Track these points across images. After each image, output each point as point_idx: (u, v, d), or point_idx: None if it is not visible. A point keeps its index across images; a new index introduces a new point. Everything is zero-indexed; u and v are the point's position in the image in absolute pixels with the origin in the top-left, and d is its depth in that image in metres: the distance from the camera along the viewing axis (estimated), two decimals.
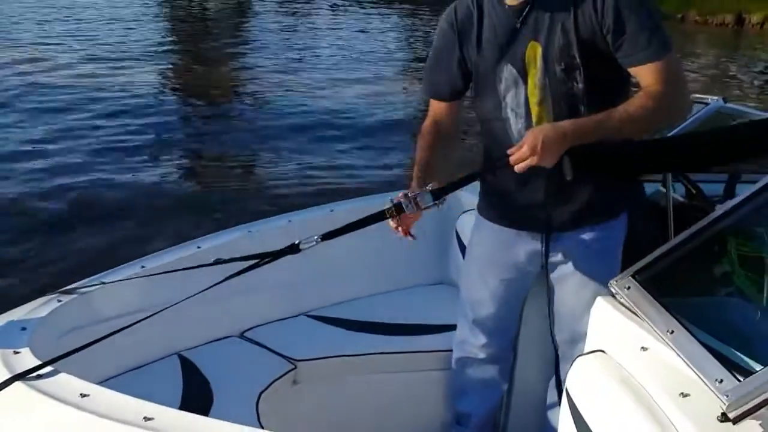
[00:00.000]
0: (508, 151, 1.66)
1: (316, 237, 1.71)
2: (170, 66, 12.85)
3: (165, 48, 14.98)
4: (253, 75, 12.32)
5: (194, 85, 11.21)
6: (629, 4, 1.67)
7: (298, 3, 28.20)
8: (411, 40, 19.15)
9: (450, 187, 1.74)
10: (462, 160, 2.16)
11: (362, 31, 19.78)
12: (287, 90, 10.89)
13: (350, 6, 26.49)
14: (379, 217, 1.69)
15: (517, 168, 1.64)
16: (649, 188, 2.53)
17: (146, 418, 1.33)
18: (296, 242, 1.72)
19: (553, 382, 2.11)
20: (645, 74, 1.68)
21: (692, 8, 28.53)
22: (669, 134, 2.58)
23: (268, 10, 24.80)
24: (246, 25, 21.60)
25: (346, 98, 10.54)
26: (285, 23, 21.39)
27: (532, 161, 1.62)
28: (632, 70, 1.71)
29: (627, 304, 1.60)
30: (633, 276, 1.63)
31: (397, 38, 19.49)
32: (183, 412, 1.40)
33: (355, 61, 14.39)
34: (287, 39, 17.51)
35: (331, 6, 26.18)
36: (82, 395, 1.42)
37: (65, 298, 1.90)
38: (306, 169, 7.02)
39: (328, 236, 1.70)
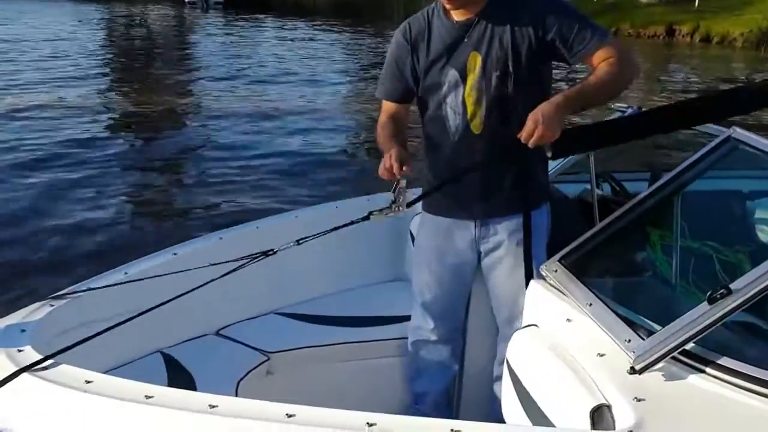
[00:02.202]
0: (519, 136, 1.89)
1: (291, 242, 1.95)
2: (113, 92, 12.75)
3: (107, 73, 14.81)
4: (198, 97, 12.33)
5: (138, 110, 11.14)
6: (563, 15, 2.01)
7: (244, 21, 28.11)
8: (354, 58, 19.36)
9: (425, 195, 2.12)
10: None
11: (308, 50, 19.84)
12: (232, 112, 10.93)
13: (296, 25, 26.53)
14: (363, 218, 2.01)
15: (531, 143, 1.87)
16: (578, 187, 2.84)
17: (147, 396, 1.53)
18: (273, 249, 1.98)
19: (498, 358, 2.35)
20: (598, 56, 1.99)
21: (625, 22, 29.64)
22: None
23: (213, 32, 24.60)
24: (189, 47, 21.38)
25: (289, 117, 10.69)
26: (230, 43, 21.29)
27: (539, 131, 1.85)
28: (586, 60, 2.01)
29: (555, 285, 1.89)
30: (560, 261, 1.93)
31: (341, 57, 19.66)
32: (178, 390, 1.60)
33: (300, 80, 14.47)
34: (232, 59, 17.48)
35: (276, 26, 26.20)
36: (87, 381, 1.60)
37: (57, 303, 2.06)
38: (252, 185, 7.18)
39: (304, 240, 1.98)
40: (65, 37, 20.42)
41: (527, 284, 2.08)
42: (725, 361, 1.51)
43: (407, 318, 2.47)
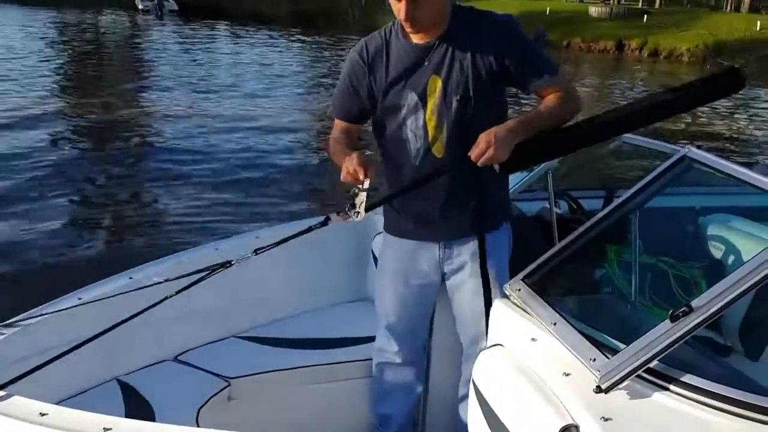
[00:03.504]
0: (469, 154, 1.91)
1: (249, 253, 1.90)
2: (61, 101, 12.36)
3: (56, 81, 14.35)
4: (150, 107, 12.07)
5: (87, 120, 10.87)
6: (521, 47, 2.06)
7: (199, 29, 27.71)
8: (310, 68, 19.27)
9: (384, 200, 2.08)
10: None
11: (264, 59, 19.63)
12: (187, 124, 10.75)
13: (253, 34, 26.27)
14: (323, 222, 1.98)
15: (480, 162, 1.90)
16: (536, 205, 2.87)
17: (105, 429, 1.47)
18: (231, 260, 1.92)
19: (463, 379, 2.35)
20: (549, 89, 2.07)
21: (576, 36, 30.43)
22: None
23: (167, 40, 24.18)
24: (142, 55, 20.93)
25: (243, 128, 10.57)
26: (184, 51, 20.93)
27: (489, 153, 1.88)
28: (538, 92, 2.08)
29: (519, 304, 1.90)
30: (523, 280, 1.94)
31: (297, 66, 19.54)
32: (137, 421, 1.55)
33: (254, 90, 14.28)
34: (186, 68, 17.19)
35: (232, 34, 25.90)
36: (42, 414, 1.54)
37: (7, 331, 1.99)
38: (210, 203, 7.05)
39: (261, 250, 1.93)
40: (11, 43, 19.77)
41: (487, 305, 2.08)
42: (688, 378, 1.53)
43: (371, 339, 2.44)
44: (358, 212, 1.91)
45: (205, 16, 32.56)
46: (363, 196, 1.89)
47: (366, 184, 1.88)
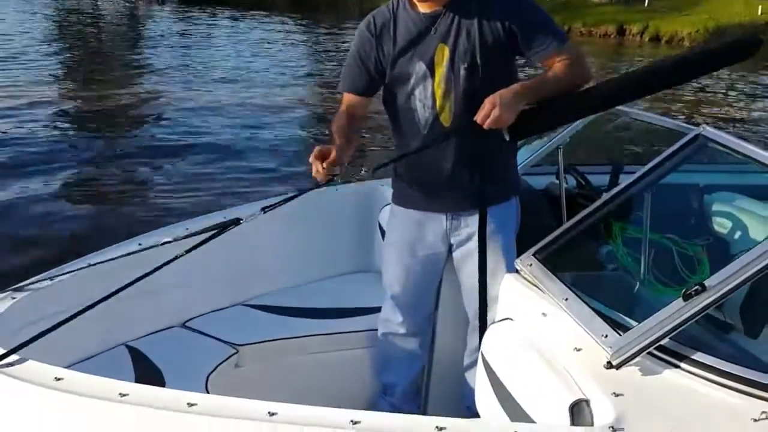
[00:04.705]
0: (475, 118, 1.91)
1: (258, 211, 1.92)
2: (61, 88, 12.18)
3: (55, 69, 14.14)
4: (151, 93, 11.90)
5: (88, 106, 10.71)
6: (531, 14, 2.06)
7: (199, 15, 27.41)
8: (312, 53, 19.09)
9: (389, 162, 2.10)
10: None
11: (265, 45, 19.46)
12: (185, 107, 10.63)
13: (254, 20, 26.04)
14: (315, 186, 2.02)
15: (486, 125, 1.91)
16: (544, 180, 2.87)
17: (121, 394, 1.47)
18: (239, 218, 1.95)
19: (469, 350, 2.37)
20: (556, 57, 2.05)
21: (577, 21, 30.17)
22: None
23: (166, 22, 23.91)
24: (143, 41, 20.67)
25: (244, 111, 10.49)
26: (185, 37, 20.72)
27: (495, 113, 1.89)
28: (544, 60, 2.06)
29: (530, 279, 1.91)
30: (534, 255, 1.95)
31: (298, 51, 19.34)
32: (153, 387, 1.54)
33: (256, 75, 14.11)
34: (187, 54, 17.01)
35: (233, 20, 25.66)
36: (57, 378, 1.54)
37: (18, 295, 1.99)
38: (212, 180, 7.06)
39: (269, 208, 1.95)
40: (9, 30, 19.49)
41: (483, 276, 2.09)
42: (699, 356, 1.55)
43: (376, 309, 2.45)
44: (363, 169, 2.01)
45: (206, 2, 32.21)
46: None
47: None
